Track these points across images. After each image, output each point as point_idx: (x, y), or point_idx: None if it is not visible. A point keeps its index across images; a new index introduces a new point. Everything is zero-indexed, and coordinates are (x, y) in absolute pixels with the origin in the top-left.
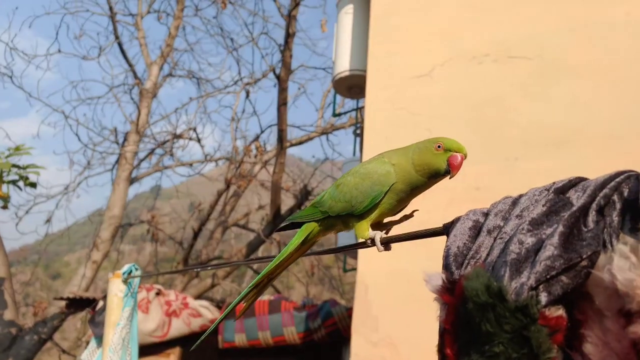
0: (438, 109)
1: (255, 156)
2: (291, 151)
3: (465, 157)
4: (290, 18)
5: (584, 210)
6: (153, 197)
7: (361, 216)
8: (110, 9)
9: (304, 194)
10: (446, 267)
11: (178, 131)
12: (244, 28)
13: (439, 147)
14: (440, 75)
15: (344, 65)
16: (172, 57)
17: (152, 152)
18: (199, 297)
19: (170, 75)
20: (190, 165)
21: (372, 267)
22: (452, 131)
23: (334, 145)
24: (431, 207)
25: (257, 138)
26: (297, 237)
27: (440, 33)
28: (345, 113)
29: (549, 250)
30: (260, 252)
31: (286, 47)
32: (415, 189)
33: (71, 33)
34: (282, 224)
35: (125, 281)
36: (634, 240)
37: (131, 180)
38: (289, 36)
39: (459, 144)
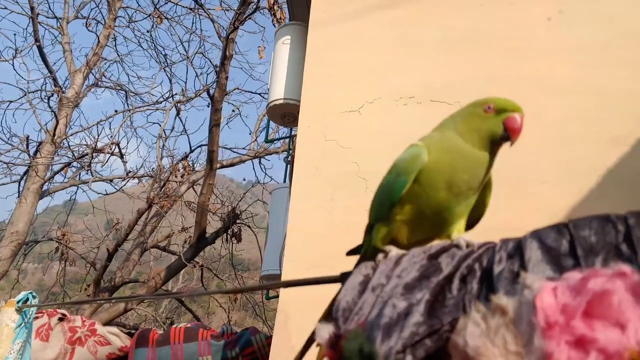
0: (366, 144)
1: (182, 175)
2: (222, 172)
3: (523, 117)
4: (228, 41)
5: (450, 278)
6: (66, 212)
7: (387, 220)
8: (32, 9)
9: (232, 217)
10: (335, 320)
11: (99, 145)
12: (179, 45)
13: (488, 108)
14: (369, 112)
15: (278, 93)
16: (99, 67)
17: (68, 165)
18: (110, 322)
19: (95, 85)
20: (110, 181)
21: (294, 295)
22: (379, 166)
23: (266, 168)
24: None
25: (185, 157)
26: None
27: (371, 73)
28: (277, 140)
29: (415, 316)
30: (180, 276)
31: (222, 69)
32: (473, 166)
33: None
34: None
35: (19, 310)
36: (485, 309)
37: (42, 194)
38: (225, 58)
39: (514, 103)
